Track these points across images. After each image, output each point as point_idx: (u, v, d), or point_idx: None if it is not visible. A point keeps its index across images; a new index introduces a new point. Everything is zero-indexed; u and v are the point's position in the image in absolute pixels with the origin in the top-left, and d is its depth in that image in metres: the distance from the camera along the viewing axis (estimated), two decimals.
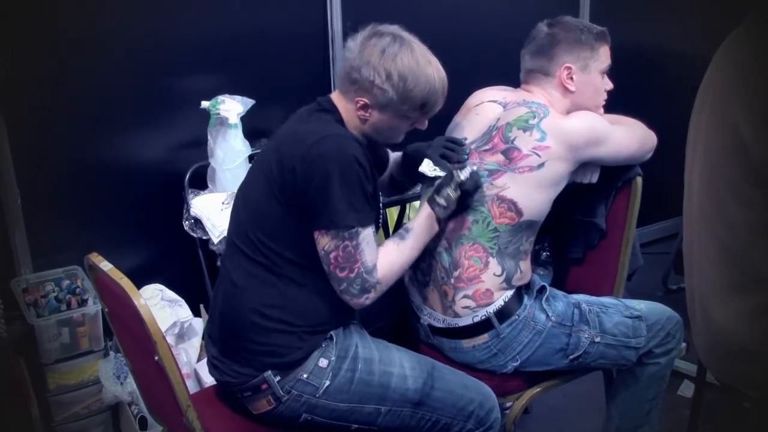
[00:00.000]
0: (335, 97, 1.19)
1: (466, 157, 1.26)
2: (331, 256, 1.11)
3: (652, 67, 2.51)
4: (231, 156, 1.75)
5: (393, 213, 1.98)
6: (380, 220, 1.27)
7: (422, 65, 1.12)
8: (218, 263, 1.61)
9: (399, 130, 1.21)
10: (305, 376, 1.13)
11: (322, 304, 1.16)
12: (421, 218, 1.22)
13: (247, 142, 1.81)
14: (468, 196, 1.21)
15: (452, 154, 1.26)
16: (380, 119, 1.16)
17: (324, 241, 1.11)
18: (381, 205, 1.26)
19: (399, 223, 1.93)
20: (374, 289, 1.13)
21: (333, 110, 1.18)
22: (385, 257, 1.15)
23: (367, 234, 1.12)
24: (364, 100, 1.14)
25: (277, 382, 1.12)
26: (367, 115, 1.15)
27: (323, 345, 1.16)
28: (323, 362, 1.14)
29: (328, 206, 1.09)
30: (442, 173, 1.22)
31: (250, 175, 1.23)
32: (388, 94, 1.12)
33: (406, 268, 1.20)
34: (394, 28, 1.14)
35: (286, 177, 1.11)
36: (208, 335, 1.25)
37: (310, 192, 1.09)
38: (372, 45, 1.12)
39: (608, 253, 1.40)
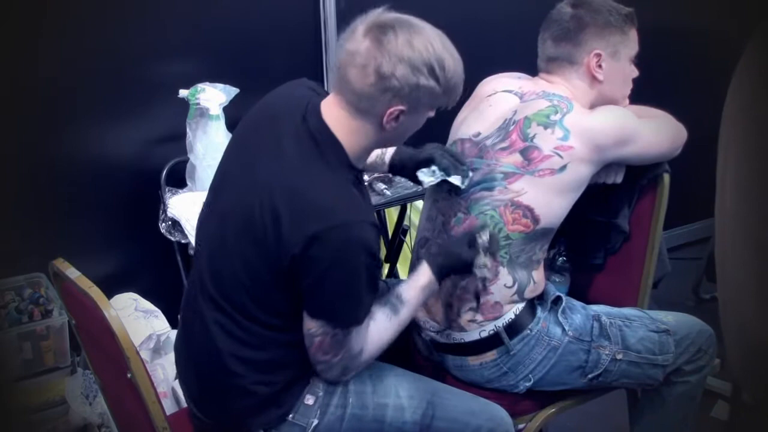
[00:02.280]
0: (331, 112, 1.06)
1: (466, 182, 1.23)
2: (316, 339, 1.06)
3: (679, 50, 2.44)
4: (212, 151, 1.75)
5: (393, 214, 1.98)
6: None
7: (442, 44, 1.04)
8: None
9: (419, 123, 1.14)
10: (291, 416, 1.11)
11: (296, 364, 1.11)
12: (418, 287, 1.16)
13: (230, 134, 1.79)
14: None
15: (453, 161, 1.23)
16: (407, 124, 1.07)
17: (311, 325, 1.06)
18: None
19: (399, 226, 1.93)
20: (356, 369, 1.11)
21: (331, 142, 1.05)
22: (377, 335, 1.11)
23: (362, 326, 1.08)
24: (401, 107, 1.02)
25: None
26: (396, 124, 1.04)
27: (309, 380, 1.14)
28: (309, 399, 1.12)
29: (324, 300, 1.04)
30: (441, 173, 1.21)
31: (227, 203, 1.10)
32: (434, 89, 1.02)
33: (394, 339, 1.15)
34: (389, 15, 1.04)
35: (281, 258, 1.01)
36: (184, 381, 1.19)
37: (309, 281, 1.02)
38: (391, 40, 1.00)
39: (632, 258, 1.39)
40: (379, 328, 1.12)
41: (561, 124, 1.23)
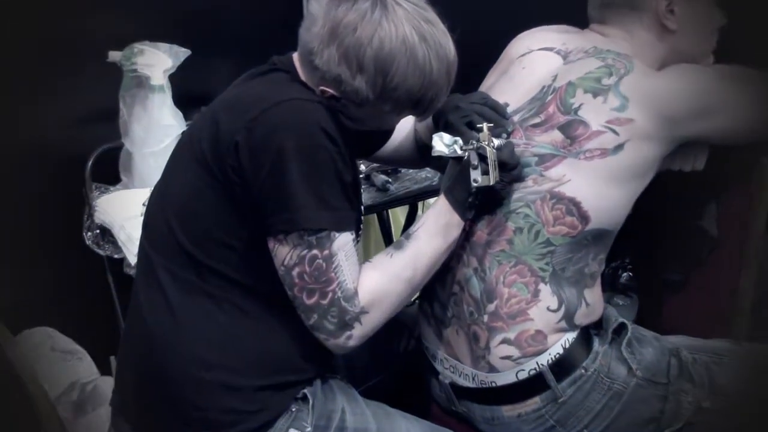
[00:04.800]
0: (297, 59, 1.24)
1: (506, 135, 1.28)
2: (294, 272, 1.16)
3: None
4: (155, 134, 1.80)
5: (399, 216, 2.05)
6: (361, 226, 1.31)
7: (412, 45, 1.15)
8: None
9: (387, 122, 1.28)
10: None
11: (283, 346, 1.22)
12: (430, 218, 1.25)
13: (180, 114, 1.84)
14: (504, 179, 1.23)
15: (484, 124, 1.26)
16: (356, 113, 1.21)
17: (283, 252, 1.16)
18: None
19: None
20: (358, 322, 1.18)
21: (292, 71, 1.23)
22: (373, 277, 1.19)
23: (345, 242, 1.17)
24: (330, 91, 1.19)
25: None
26: (338, 105, 1.20)
27: (292, 409, 1.21)
28: None
29: (288, 201, 1.13)
30: (463, 151, 1.23)
31: (175, 159, 1.29)
32: (360, 92, 1.17)
33: (407, 296, 1.24)
34: None
35: (225, 160, 1.15)
36: (117, 406, 1.29)
37: (259, 181, 1.14)
38: (339, 17, 1.15)
39: (721, 272, 1.44)
40: (378, 266, 1.21)
41: (616, 90, 1.25)
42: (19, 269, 1.89)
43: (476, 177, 1.20)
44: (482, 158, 1.20)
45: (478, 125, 1.22)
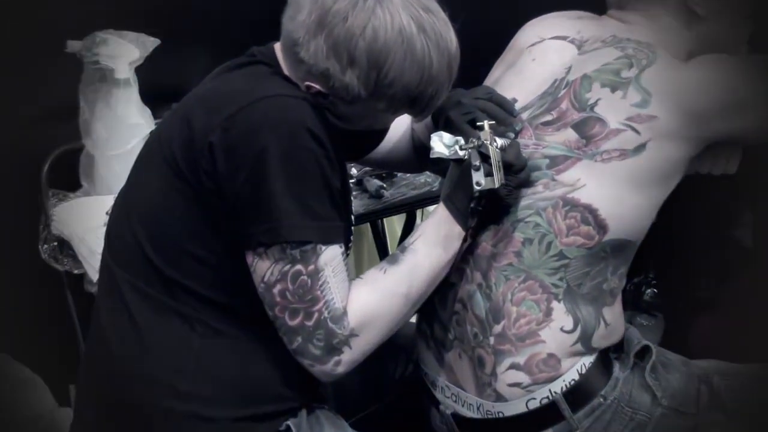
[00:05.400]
0: (280, 50, 1.24)
1: (513, 134, 1.27)
2: (276, 290, 1.15)
3: None
4: (120, 134, 1.79)
5: (395, 226, 2.05)
6: (351, 238, 1.30)
7: (409, 36, 1.15)
8: None
9: (381, 122, 1.28)
10: None
11: (264, 372, 1.21)
12: (428, 229, 1.25)
13: (148, 111, 1.84)
14: (511, 183, 1.22)
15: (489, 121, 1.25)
16: (346, 111, 1.21)
17: (263, 267, 1.15)
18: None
19: None
20: (347, 346, 1.17)
21: (274, 64, 1.23)
22: (365, 295, 1.19)
23: (332, 256, 1.16)
24: (317, 87, 1.18)
25: None
26: (326, 103, 1.20)
27: None
28: None
29: (268, 209, 1.13)
30: (464, 152, 1.22)
31: (142, 162, 1.28)
32: (351, 89, 1.17)
33: (403, 316, 1.23)
34: None
35: (198, 163, 1.15)
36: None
37: (236, 187, 1.13)
38: (328, 4, 1.14)
39: (757, 287, 1.42)
40: (370, 282, 1.21)
41: (638, 84, 1.25)
42: None
43: (479, 179, 1.18)
44: (485, 158, 1.18)
45: (478, 122, 1.21)
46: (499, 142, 1.20)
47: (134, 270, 1.21)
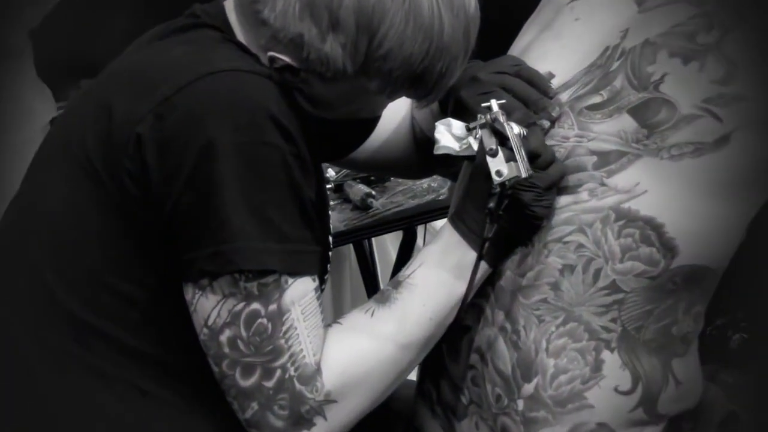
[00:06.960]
0: (233, 9, 1.25)
1: (547, 123, 1.30)
2: (224, 338, 1.15)
3: None
4: (9, 122, 1.79)
5: (388, 246, 2.08)
6: (328, 267, 1.33)
7: None
8: None
9: (371, 108, 1.29)
10: None
11: None
12: (432, 255, 1.28)
13: (48, 91, 1.85)
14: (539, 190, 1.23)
15: (519, 106, 1.29)
16: (324, 93, 1.22)
17: (207, 306, 1.15)
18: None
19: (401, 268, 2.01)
20: (321, 417, 1.16)
21: (225, 28, 1.24)
22: (346, 347, 1.20)
23: (302, 292, 1.16)
24: (285, 59, 1.18)
25: None
26: (297, 81, 1.20)
27: None
28: None
29: (216, 226, 1.12)
30: (477, 140, 1.23)
31: (41, 162, 1.30)
32: (333, 61, 1.17)
33: (397, 376, 1.25)
34: None
35: (120, 162, 1.14)
36: None
37: (173, 195, 1.12)
38: None
39: None
40: (353, 328, 1.23)
41: (719, 52, 1.25)
42: None
43: (499, 167, 1.18)
44: (502, 141, 1.19)
45: (483, 104, 1.23)
46: (516, 129, 1.21)
47: (33, 313, 1.22)
